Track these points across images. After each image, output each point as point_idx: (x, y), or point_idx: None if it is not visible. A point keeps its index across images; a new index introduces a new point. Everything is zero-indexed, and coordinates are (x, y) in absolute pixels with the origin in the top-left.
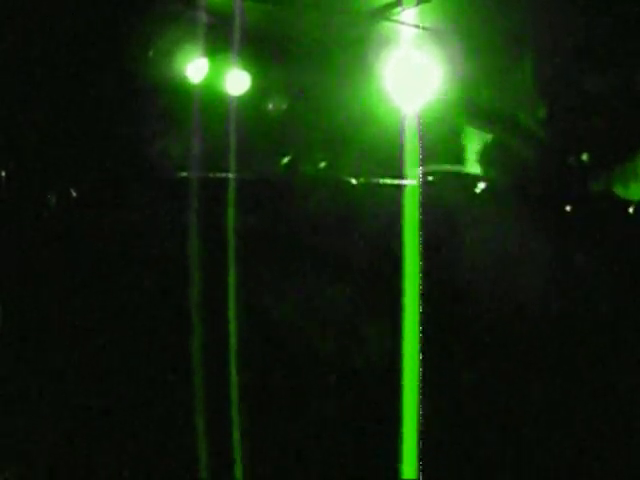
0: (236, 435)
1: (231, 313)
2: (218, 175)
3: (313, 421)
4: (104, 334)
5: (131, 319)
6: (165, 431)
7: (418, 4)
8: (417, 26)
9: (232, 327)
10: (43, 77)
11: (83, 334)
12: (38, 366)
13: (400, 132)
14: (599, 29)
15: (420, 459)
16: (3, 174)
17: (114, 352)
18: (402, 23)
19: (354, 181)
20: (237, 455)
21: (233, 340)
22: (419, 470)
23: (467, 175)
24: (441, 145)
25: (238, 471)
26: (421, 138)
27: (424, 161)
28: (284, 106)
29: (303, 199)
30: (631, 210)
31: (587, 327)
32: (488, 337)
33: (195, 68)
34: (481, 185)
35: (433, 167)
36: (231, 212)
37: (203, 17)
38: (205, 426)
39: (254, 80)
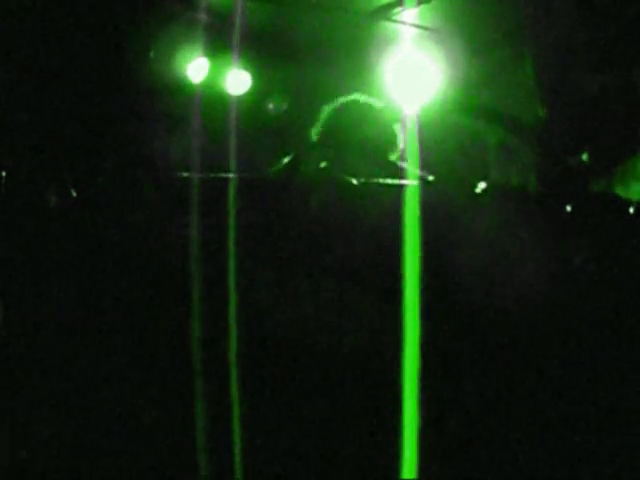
0: (236, 436)
1: (232, 312)
2: (219, 175)
3: (312, 420)
4: (105, 333)
5: (132, 319)
6: (166, 432)
7: (418, 4)
8: (417, 26)
9: (232, 327)
10: (43, 77)
11: (84, 333)
12: (38, 365)
13: (400, 132)
14: (599, 29)
15: (420, 459)
16: (3, 174)
17: (115, 350)
18: (402, 23)
19: (354, 181)
20: (237, 455)
21: (233, 340)
22: (419, 470)
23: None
24: (441, 145)
25: (238, 470)
26: (421, 138)
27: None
28: (284, 106)
29: (303, 199)
30: (631, 210)
31: (587, 327)
32: (488, 336)
33: (195, 68)
34: (481, 185)
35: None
36: (232, 212)
37: (203, 17)
38: (205, 428)
39: (254, 80)
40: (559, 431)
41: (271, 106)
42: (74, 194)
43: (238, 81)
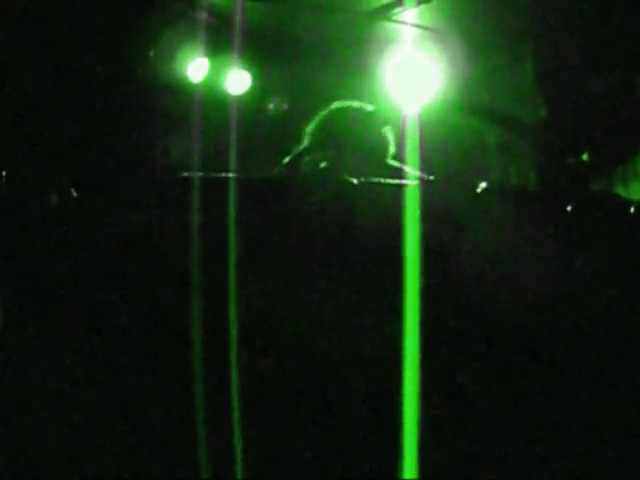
0: (237, 436)
1: (232, 312)
2: (219, 175)
3: (312, 420)
4: (105, 334)
5: (131, 320)
6: (165, 432)
7: (418, 4)
8: (417, 26)
9: (233, 326)
10: (44, 77)
11: (84, 335)
12: (38, 366)
13: (400, 132)
14: (599, 29)
15: (420, 459)
16: (3, 174)
17: (114, 351)
18: (402, 23)
19: (354, 181)
20: (237, 454)
21: (234, 340)
22: (419, 470)
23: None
24: (441, 145)
25: (238, 469)
26: (421, 138)
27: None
28: (284, 106)
29: (303, 199)
30: (632, 210)
31: (588, 327)
32: (489, 337)
33: (195, 68)
34: (482, 185)
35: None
36: (232, 212)
37: (204, 17)
38: (205, 426)
39: (254, 80)
40: (561, 432)
41: (271, 106)
42: (74, 194)
43: (238, 81)
